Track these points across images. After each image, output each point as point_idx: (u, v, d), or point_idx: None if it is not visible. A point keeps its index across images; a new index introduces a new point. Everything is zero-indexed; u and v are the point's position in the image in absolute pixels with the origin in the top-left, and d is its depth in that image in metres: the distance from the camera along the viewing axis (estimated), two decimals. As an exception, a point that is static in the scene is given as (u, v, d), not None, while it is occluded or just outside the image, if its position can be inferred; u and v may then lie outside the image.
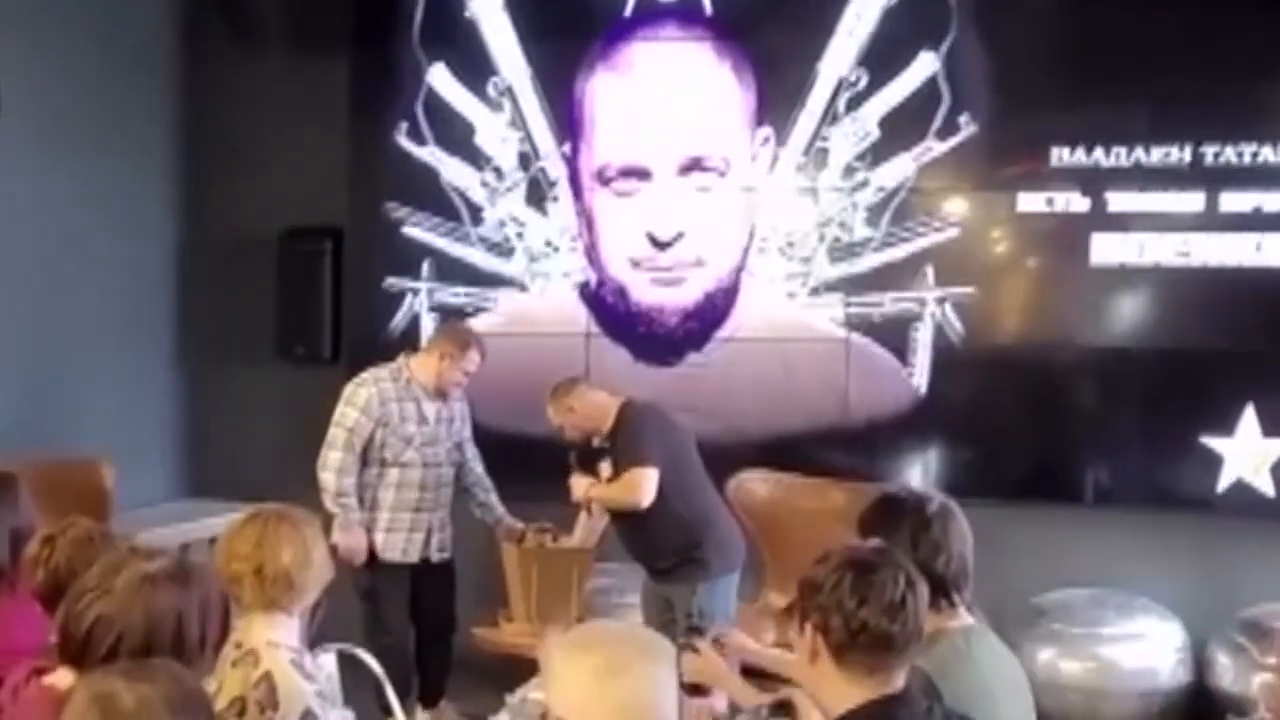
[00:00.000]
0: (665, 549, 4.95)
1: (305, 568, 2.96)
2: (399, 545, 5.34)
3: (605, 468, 5.00)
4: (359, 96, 6.71)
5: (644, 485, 4.82)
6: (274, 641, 2.90)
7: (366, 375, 5.40)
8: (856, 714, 2.28)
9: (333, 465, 5.25)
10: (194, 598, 2.48)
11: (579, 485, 5.05)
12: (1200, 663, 5.74)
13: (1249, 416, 5.82)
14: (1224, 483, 5.86)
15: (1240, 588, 5.81)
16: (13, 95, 5.72)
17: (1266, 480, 5.83)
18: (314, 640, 3.88)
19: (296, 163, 6.80)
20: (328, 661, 3.40)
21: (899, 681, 2.31)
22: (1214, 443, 5.85)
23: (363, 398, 5.28)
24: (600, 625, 2.51)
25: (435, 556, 5.42)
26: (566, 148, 6.55)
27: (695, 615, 4.71)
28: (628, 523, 5.01)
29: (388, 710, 5.20)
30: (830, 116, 6.23)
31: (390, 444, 5.29)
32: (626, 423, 4.96)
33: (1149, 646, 5.71)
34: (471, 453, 5.62)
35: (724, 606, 4.95)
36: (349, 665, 3.50)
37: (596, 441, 5.05)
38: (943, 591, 2.69)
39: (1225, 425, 5.83)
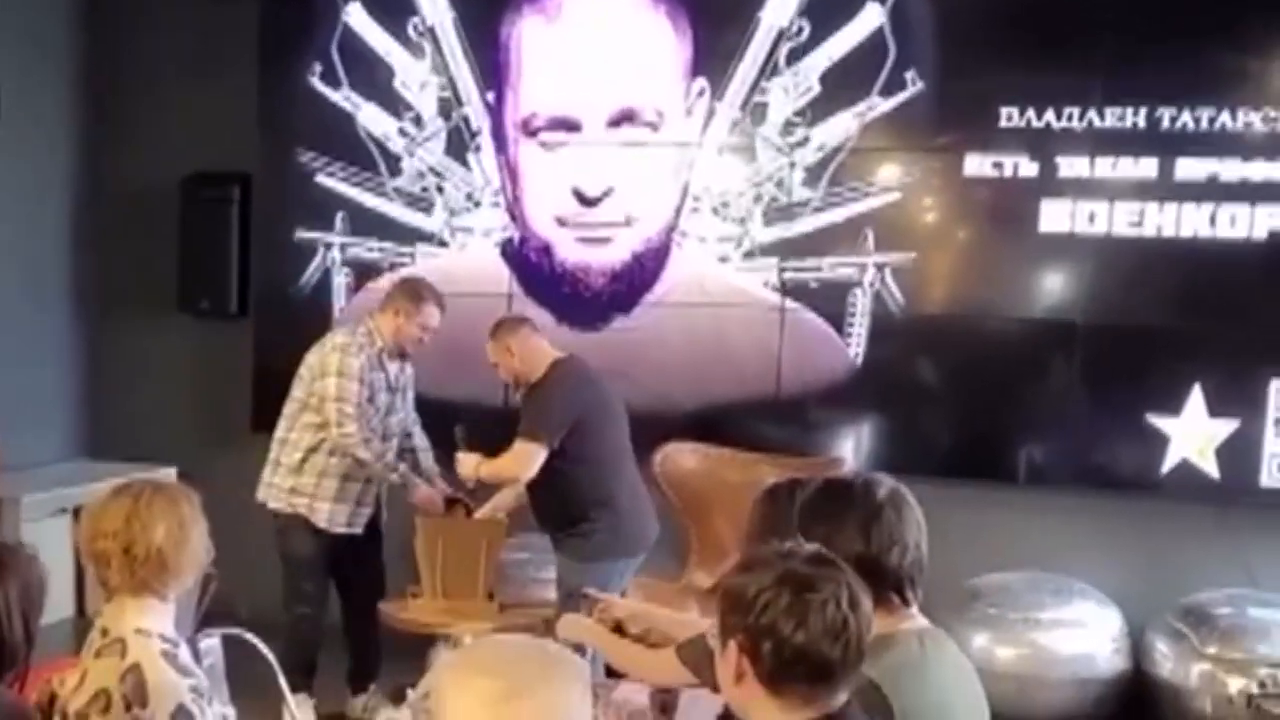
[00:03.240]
0: (557, 516, 4.88)
1: (181, 547, 2.66)
2: (343, 517, 5.16)
3: None
4: (270, 35, 6.46)
5: (526, 461, 4.75)
6: (144, 629, 2.63)
7: (349, 341, 5.08)
8: None
9: (358, 442, 5.01)
10: (12, 589, 2.18)
11: (466, 463, 4.92)
12: (1138, 650, 5.62)
13: (1196, 396, 5.63)
14: (1169, 464, 5.69)
15: (1182, 573, 5.67)
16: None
17: (1211, 462, 5.66)
18: (205, 619, 3.57)
19: (202, 105, 6.57)
20: (213, 648, 3.08)
21: (839, 699, 2.01)
22: (1160, 422, 5.67)
23: (355, 368, 5.04)
24: (498, 641, 2.23)
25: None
26: (491, 96, 6.30)
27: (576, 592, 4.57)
28: (533, 494, 4.91)
29: (304, 689, 5.00)
30: (770, 69, 5.97)
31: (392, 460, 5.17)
32: (542, 386, 4.85)
33: (1086, 633, 5.58)
34: (413, 417, 5.43)
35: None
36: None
37: (520, 394, 4.95)
38: (895, 588, 2.41)
39: (1172, 404, 5.66)
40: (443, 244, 6.38)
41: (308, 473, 5.10)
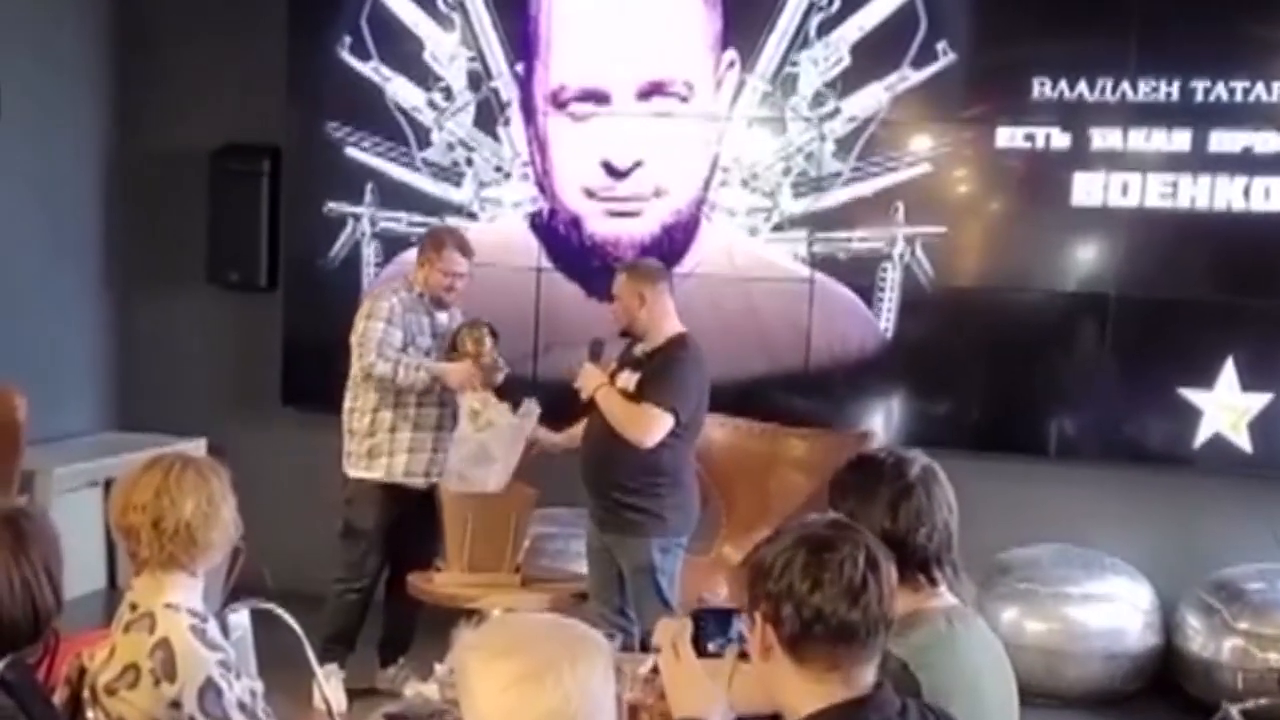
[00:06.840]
0: (626, 486, 4.63)
1: (210, 522, 2.66)
2: (421, 467, 5.15)
3: (625, 377, 4.65)
4: (299, 7, 6.42)
5: (655, 428, 4.52)
6: (173, 604, 2.63)
7: (384, 289, 5.21)
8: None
9: (374, 360, 4.98)
10: (36, 559, 2.20)
11: (591, 377, 4.66)
12: (1169, 625, 5.60)
13: (1229, 369, 5.59)
14: (1201, 438, 5.65)
15: (1213, 548, 5.65)
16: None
17: (1244, 436, 5.62)
18: (232, 591, 3.57)
19: (232, 76, 6.55)
20: (241, 622, 3.08)
21: (867, 678, 1.99)
22: (1192, 395, 5.62)
23: (385, 308, 5.08)
24: (519, 620, 2.21)
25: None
26: (520, 68, 6.26)
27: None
28: (604, 443, 4.65)
29: (338, 660, 5.01)
30: (800, 41, 5.92)
31: (413, 357, 5.11)
32: (680, 355, 4.62)
33: (1117, 607, 5.57)
34: None
35: (674, 569, 4.71)
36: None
37: (639, 350, 4.71)
38: (923, 567, 2.39)
39: (1205, 378, 5.62)
40: (472, 216, 6.34)
41: (380, 431, 5.12)
